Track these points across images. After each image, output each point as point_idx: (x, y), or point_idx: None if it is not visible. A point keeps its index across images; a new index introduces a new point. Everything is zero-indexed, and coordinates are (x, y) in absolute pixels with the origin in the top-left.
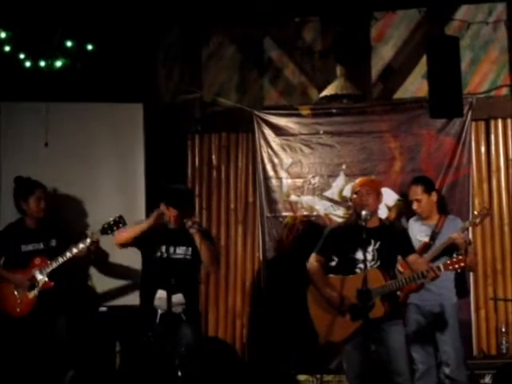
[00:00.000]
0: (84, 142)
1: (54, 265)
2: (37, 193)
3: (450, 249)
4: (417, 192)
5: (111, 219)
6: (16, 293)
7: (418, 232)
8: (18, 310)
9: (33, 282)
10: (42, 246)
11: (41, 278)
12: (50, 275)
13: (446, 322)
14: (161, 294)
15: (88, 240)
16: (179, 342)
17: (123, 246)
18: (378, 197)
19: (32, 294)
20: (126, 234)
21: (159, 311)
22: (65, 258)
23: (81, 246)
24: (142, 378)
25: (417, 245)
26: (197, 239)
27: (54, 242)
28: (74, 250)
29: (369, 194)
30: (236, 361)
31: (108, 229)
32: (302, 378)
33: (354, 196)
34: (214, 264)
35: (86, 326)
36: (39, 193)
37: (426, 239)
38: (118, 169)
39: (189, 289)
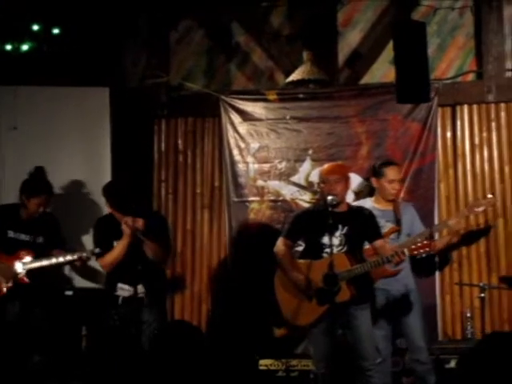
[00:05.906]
0: (52, 126)
1: (37, 264)
2: (40, 198)
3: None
4: (399, 172)
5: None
6: None
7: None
8: None
9: (14, 275)
10: (28, 238)
11: (20, 271)
12: (29, 271)
13: (412, 305)
14: (122, 286)
15: (76, 255)
16: (143, 331)
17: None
18: (347, 183)
19: (7, 285)
20: (110, 259)
21: (121, 297)
22: (49, 263)
23: (68, 257)
24: (108, 361)
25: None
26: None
27: (41, 239)
28: (61, 259)
29: (337, 182)
30: (200, 345)
31: (100, 254)
32: (267, 362)
33: (322, 185)
34: (160, 261)
35: (54, 310)
36: (42, 199)
37: (389, 224)
38: (85, 153)
39: (153, 274)
